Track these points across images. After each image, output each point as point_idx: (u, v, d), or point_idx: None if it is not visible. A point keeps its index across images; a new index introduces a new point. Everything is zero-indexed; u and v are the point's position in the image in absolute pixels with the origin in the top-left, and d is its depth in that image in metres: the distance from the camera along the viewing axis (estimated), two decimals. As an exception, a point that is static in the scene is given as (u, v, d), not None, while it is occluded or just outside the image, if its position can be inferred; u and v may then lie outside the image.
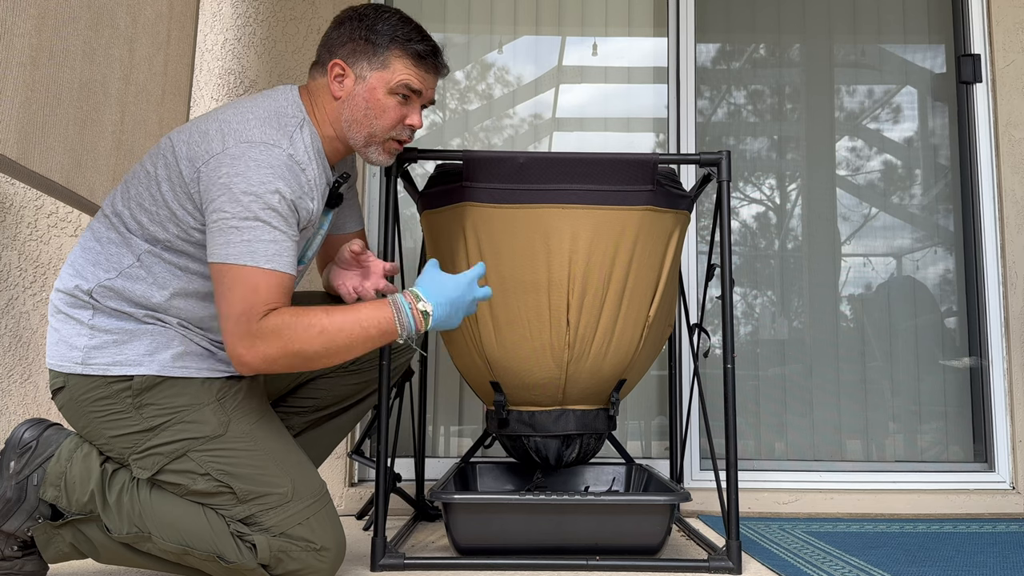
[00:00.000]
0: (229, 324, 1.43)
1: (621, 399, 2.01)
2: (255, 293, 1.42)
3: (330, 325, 1.44)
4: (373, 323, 1.47)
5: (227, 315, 1.44)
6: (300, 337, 1.43)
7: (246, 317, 1.42)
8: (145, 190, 1.53)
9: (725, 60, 2.91)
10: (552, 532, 1.77)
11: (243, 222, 1.42)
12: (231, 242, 1.43)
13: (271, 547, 1.48)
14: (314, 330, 1.43)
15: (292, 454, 1.57)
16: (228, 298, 1.43)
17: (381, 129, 1.62)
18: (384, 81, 1.60)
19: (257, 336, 1.42)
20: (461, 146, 2.85)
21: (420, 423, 2.33)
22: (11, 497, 1.49)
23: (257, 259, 1.43)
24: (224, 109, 1.56)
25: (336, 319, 1.45)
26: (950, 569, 1.79)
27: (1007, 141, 2.70)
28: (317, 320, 1.44)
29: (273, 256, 1.44)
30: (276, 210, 1.44)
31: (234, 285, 1.43)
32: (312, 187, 1.55)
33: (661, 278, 1.93)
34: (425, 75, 1.64)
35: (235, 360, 1.45)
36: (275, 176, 1.45)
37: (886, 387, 2.76)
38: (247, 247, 1.42)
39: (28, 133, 1.53)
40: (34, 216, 2.49)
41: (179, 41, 2.28)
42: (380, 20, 1.61)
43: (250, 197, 1.43)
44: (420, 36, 1.63)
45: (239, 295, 1.42)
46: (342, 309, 1.48)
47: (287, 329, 1.42)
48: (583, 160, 1.82)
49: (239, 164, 1.45)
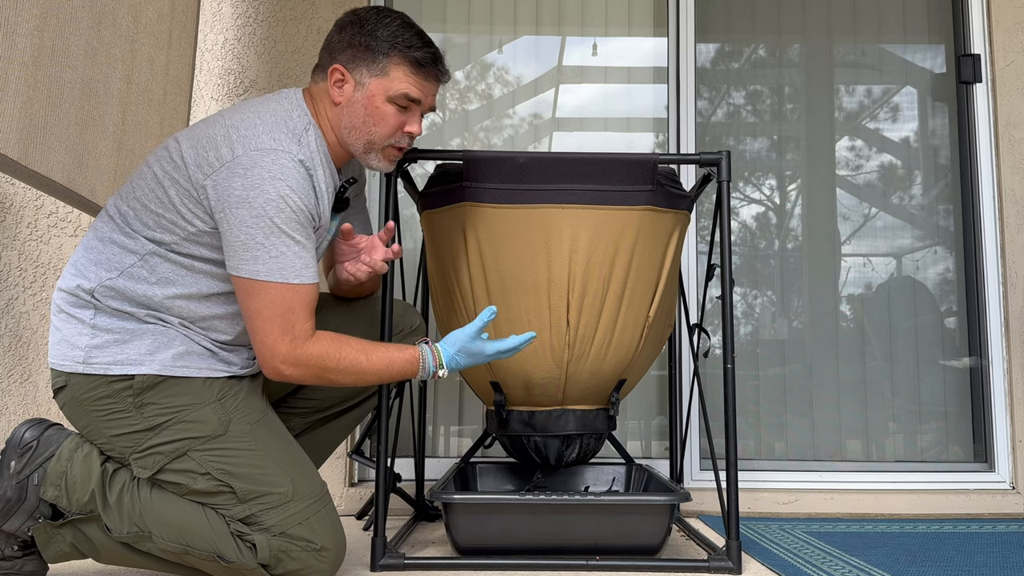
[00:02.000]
0: (268, 340, 1.49)
1: (621, 399, 2.01)
2: (292, 312, 1.48)
3: (366, 365, 1.55)
4: (397, 368, 1.58)
5: (264, 331, 1.49)
6: (337, 369, 1.53)
7: (288, 336, 1.48)
8: (151, 192, 1.53)
9: (725, 60, 2.92)
10: (552, 532, 1.78)
11: (268, 239, 1.45)
12: (259, 259, 1.46)
13: (271, 547, 1.48)
14: (350, 366, 1.53)
15: (292, 454, 1.57)
16: (264, 315, 1.48)
17: (380, 136, 1.62)
18: (383, 89, 1.59)
19: (302, 364, 1.50)
20: (461, 146, 2.85)
21: (420, 423, 2.33)
22: (11, 497, 1.49)
23: (287, 275, 1.47)
24: (230, 114, 1.56)
25: (372, 360, 1.56)
26: (950, 569, 1.79)
27: (1007, 141, 2.70)
28: (355, 358, 1.54)
29: (301, 270, 1.49)
30: (297, 220, 1.47)
31: (269, 303, 1.47)
32: (322, 191, 1.56)
33: (661, 278, 1.93)
34: (424, 83, 1.63)
35: (269, 371, 1.52)
36: (290, 187, 1.46)
37: (886, 387, 2.76)
38: (276, 264, 1.46)
39: (29, 133, 1.53)
40: (34, 216, 2.49)
41: (180, 41, 2.28)
42: (380, 26, 1.60)
43: (271, 211, 1.45)
44: (421, 42, 1.62)
45: (275, 313, 1.48)
46: (377, 349, 1.57)
47: (329, 361, 1.52)
48: (583, 160, 1.83)
49: (253, 175, 1.45)
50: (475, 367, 1.96)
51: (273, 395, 1.76)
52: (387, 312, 1.77)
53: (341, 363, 1.52)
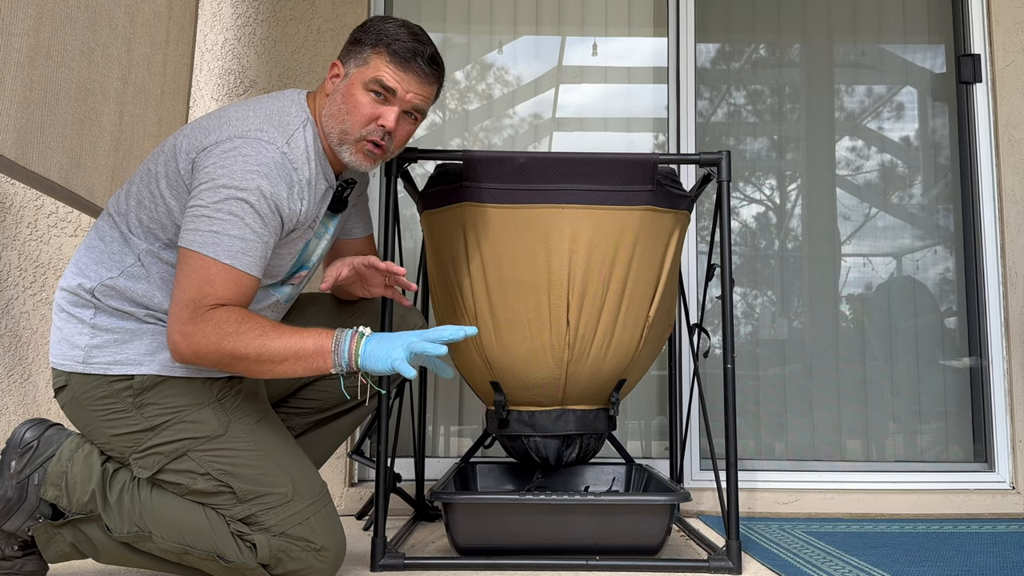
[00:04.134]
0: (175, 309, 1.42)
1: (621, 399, 2.01)
2: (209, 285, 1.41)
3: (272, 332, 1.41)
4: (311, 339, 1.42)
5: (176, 300, 1.42)
6: (236, 334, 1.40)
7: (193, 306, 1.40)
8: (145, 188, 1.53)
9: (725, 60, 2.91)
10: (552, 532, 1.77)
11: (216, 212, 1.42)
12: (199, 229, 1.42)
13: (271, 547, 1.48)
14: (253, 332, 1.40)
15: (292, 454, 1.57)
16: (183, 284, 1.42)
17: (352, 125, 1.56)
18: (361, 77, 1.57)
19: (196, 324, 1.40)
20: (461, 146, 2.85)
21: (420, 423, 2.33)
22: (12, 497, 1.49)
23: (219, 252, 1.42)
24: (228, 108, 1.57)
25: (280, 329, 1.43)
26: (950, 569, 1.79)
27: (1007, 141, 2.70)
28: (259, 324, 1.42)
29: (236, 253, 1.43)
30: (253, 207, 1.43)
31: (191, 273, 1.42)
32: (304, 187, 1.54)
33: (661, 278, 1.93)
34: (402, 74, 1.57)
35: (170, 347, 1.43)
36: (259, 173, 1.44)
37: (886, 387, 2.76)
38: (212, 238, 1.42)
39: (26, 133, 1.53)
40: (34, 216, 2.49)
41: (178, 41, 2.27)
42: (378, 23, 1.61)
43: (229, 190, 1.43)
44: (409, 38, 1.58)
45: (193, 283, 1.41)
46: (289, 327, 1.44)
47: (227, 324, 1.40)
48: (583, 160, 1.82)
49: (227, 157, 1.45)
50: (475, 367, 1.96)
51: (273, 396, 1.76)
52: (387, 313, 1.76)
53: (242, 326, 1.39)
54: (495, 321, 1.88)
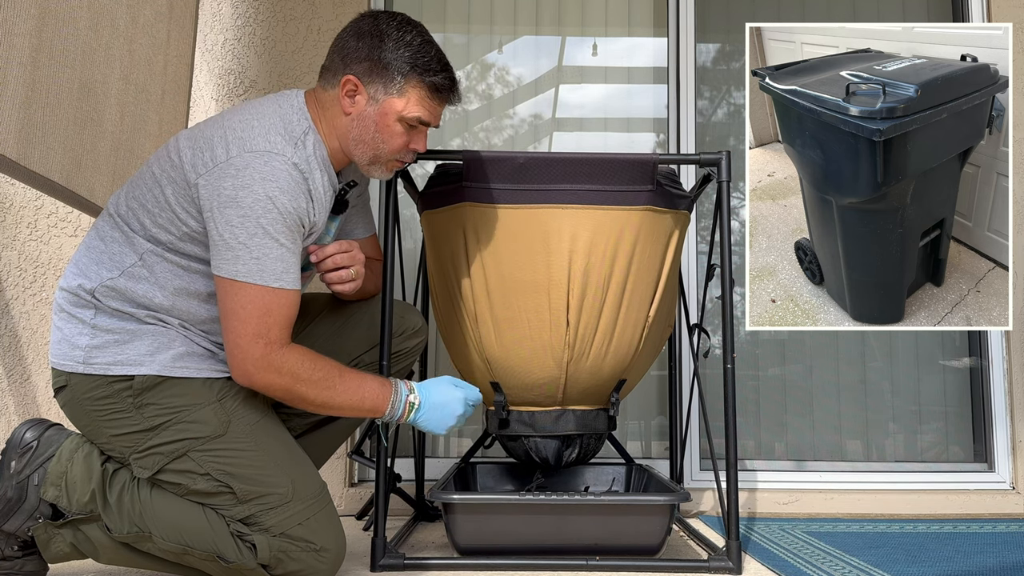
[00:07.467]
0: (242, 342, 1.46)
1: (621, 399, 2.01)
2: (268, 315, 1.46)
3: (339, 386, 1.52)
4: (370, 397, 1.55)
5: (238, 332, 1.46)
6: (308, 382, 1.49)
7: (263, 340, 1.46)
8: (148, 191, 1.53)
9: (725, 60, 2.91)
10: (552, 532, 1.77)
11: (251, 239, 1.44)
12: (240, 259, 1.44)
13: (271, 547, 1.48)
14: (323, 385, 1.50)
15: (292, 454, 1.57)
16: (240, 315, 1.46)
17: (387, 153, 1.61)
18: (397, 109, 1.57)
19: (274, 369, 1.47)
20: (461, 146, 2.85)
21: (420, 423, 2.33)
22: (12, 497, 1.49)
23: (266, 278, 1.45)
24: (230, 115, 1.56)
25: (346, 383, 1.53)
26: (950, 569, 1.79)
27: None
28: (330, 378, 1.51)
29: (281, 274, 1.47)
30: (284, 223, 1.46)
31: (245, 304, 1.45)
32: (317, 196, 1.55)
33: (661, 278, 1.93)
34: (439, 107, 1.63)
35: (239, 374, 1.49)
36: (280, 189, 1.46)
37: (886, 387, 2.76)
38: (256, 265, 1.45)
39: (28, 133, 1.53)
40: (34, 216, 2.49)
41: (179, 41, 2.28)
42: (402, 44, 1.57)
43: (258, 211, 1.44)
44: (440, 66, 1.60)
45: (252, 315, 1.45)
46: (353, 375, 1.55)
47: (301, 370, 1.48)
48: (583, 160, 1.83)
49: (244, 176, 1.45)
50: (475, 368, 1.96)
51: (273, 396, 1.76)
52: (387, 313, 1.76)
53: (315, 374, 1.49)
54: (495, 321, 1.88)
